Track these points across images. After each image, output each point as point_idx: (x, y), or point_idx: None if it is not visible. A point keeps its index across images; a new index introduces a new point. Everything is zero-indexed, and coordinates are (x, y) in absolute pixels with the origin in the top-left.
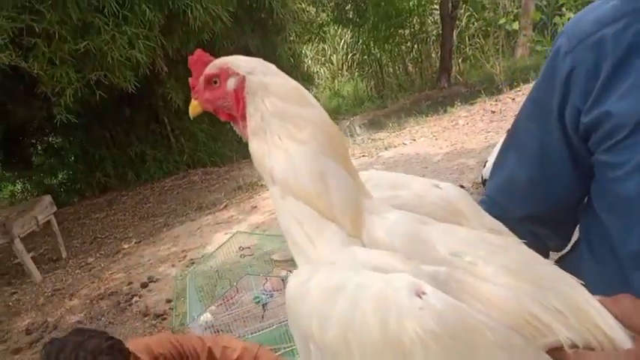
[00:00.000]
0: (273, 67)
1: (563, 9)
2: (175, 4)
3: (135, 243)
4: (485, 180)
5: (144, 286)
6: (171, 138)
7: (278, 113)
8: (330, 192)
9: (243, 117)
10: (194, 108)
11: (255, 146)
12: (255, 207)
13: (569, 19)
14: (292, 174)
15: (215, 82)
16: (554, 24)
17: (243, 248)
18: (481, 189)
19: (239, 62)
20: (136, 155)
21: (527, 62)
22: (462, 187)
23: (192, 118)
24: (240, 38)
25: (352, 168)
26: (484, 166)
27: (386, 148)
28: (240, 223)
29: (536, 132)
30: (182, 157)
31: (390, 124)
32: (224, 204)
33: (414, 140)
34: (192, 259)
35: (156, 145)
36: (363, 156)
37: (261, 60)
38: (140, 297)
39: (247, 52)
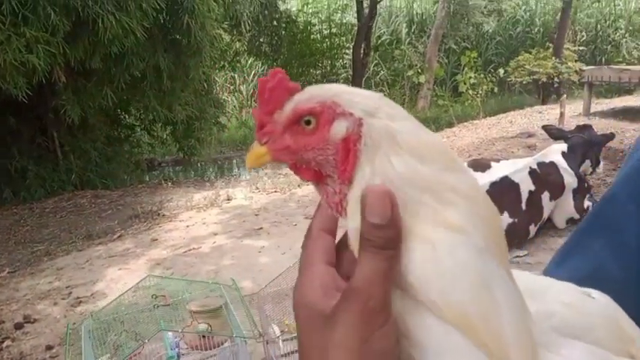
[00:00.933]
0: (400, 107)
1: (466, 68)
2: (85, 12)
3: (8, 273)
4: None
5: (18, 327)
6: (58, 154)
7: (415, 180)
8: (500, 314)
9: (350, 180)
10: (258, 158)
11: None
12: (156, 240)
13: (470, 77)
14: (442, 283)
15: (308, 124)
16: (455, 80)
17: (157, 296)
18: None
19: (353, 96)
20: (16, 170)
21: (428, 114)
22: None
23: (248, 170)
24: (151, 56)
25: (510, 269)
26: None
27: (299, 186)
28: (139, 257)
29: (637, 216)
30: (69, 177)
31: None
32: (118, 234)
33: None
34: (78, 298)
35: (40, 160)
36: (275, 192)
37: (381, 95)
38: (13, 340)
39: (158, 72)
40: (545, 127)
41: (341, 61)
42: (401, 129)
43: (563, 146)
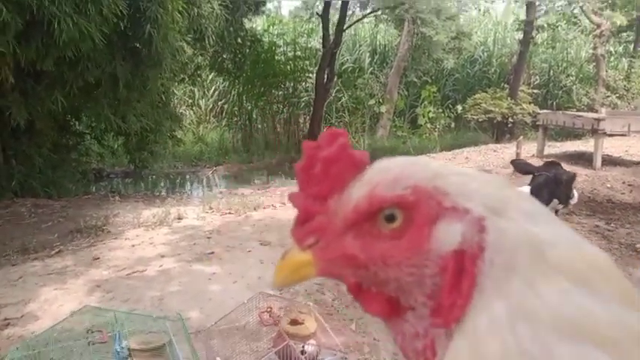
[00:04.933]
0: (532, 198)
1: (425, 102)
2: (41, 11)
3: None
4: None
5: None
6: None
7: (586, 329)
8: None
9: (456, 320)
10: (296, 270)
11: None
12: (98, 258)
13: (429, 111)
14: None
15: (390, 221)
16: (414, 113)
17: (93, 331)
18: None
19: (466, 180)
20: None
21: (386, 143)
22: None
23: (276, 287)
24: (108, 64)
25: None
26: None
27: (255, 208)
28: (78, 277)
29: None
30: (9, 183)
31: (256, 181)
32: (57, 249)
33: (284, 204)
34: (7, 319)
35: None
36: (230, 213)
37: (501, 178)
38: None
39: (114, 80)
40: (513, 162)
41: (304, 84)
42: (550, 238)
43: (526, 189)
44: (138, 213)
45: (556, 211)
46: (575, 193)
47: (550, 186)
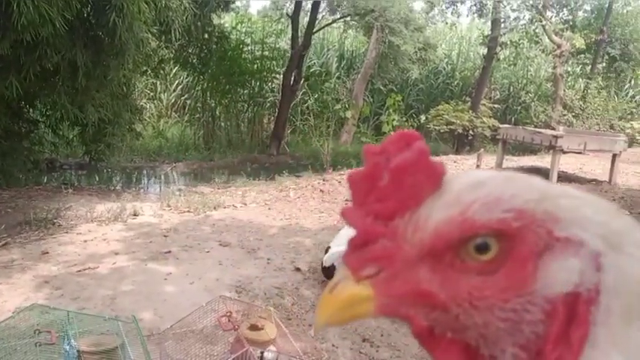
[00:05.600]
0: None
1: (390, 110)
2: None
3: None
4: (326, 267)
5: None
6: None
7: None
8: None
9: None
10: (348, 306)
11: None
12: (47, 253)
13: (393, 119)
14: None
15: (482, 251)
16: (378, 120)
17: (41, 331)
18: (318, 274)
19: (580, 206)
20: None
21: (349, 149)
22: (298, 269)
23: (320, 328)
24: (68, 50)
25: None
26: (326, 251)
27: (215, 208)
28: (25, 272)
29: None
30: None
31: (216, 180)
32: (3, 241)
33: (245, 205)
34: None
35: None
36: (188, 211)
37: (612, 204)
38: None
39: (73, 67)
40: None
41: (270, 84)
42: None
43: None
44: (91, 207)
45: None
46: None
47: None
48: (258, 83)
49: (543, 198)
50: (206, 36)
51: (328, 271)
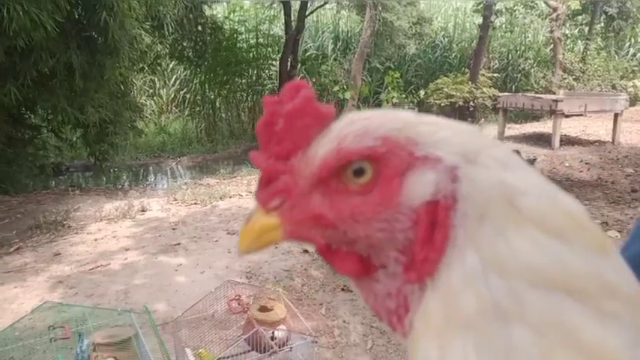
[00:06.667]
0: (506, 148)
1: (389, 88)
2: None
3: None
4: None
5: None
6: None
7: (557, 279)
8: None
9: (430, 275)
10: (262, 235)
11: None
12: (59, 254)
13: (393, 97)
14: None
15: (358, 175)
16: (377, 99)
17: (54, 327)
18: None
19: (437, 129)
20: None
21: None
22: (306, 251)
23: (242, 253)
24: (63, 53)
25: None
26: None
27: (221, 198)
28: (38, 274)
29: None
30: None
31: (221, 171)
32: (16, 246)
33: (251, 193)
34: None
35: None
36: (195, 204)
37: (474, 128)
38: None
39: (69, 70)
40: None
41: (267, 71)
42: (524, 186)
43: None
44: (100, 207)
45: None
46: None
47: None
48: (255, 71)
49: (405, 126)
50: (199, 28)
51: None
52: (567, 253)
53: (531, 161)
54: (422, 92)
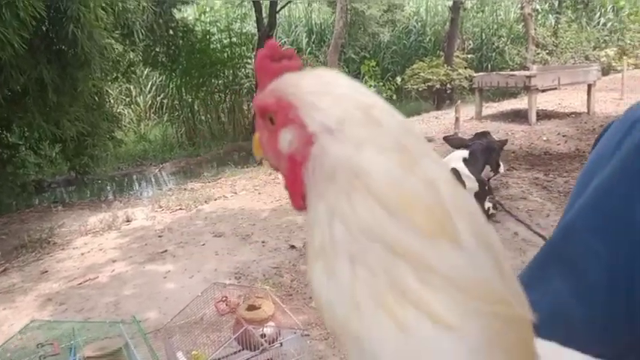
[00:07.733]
0: (391, 123)
1: (366, 77)
2: None
3: None
4: None
5: None
6: None
7: (386, 239)
8: None
9: (299, 207)
10: (257, 147)
11: (319, 282)
12: (46, 272)
13: (370, 86)
14: None
15: (271, 121)
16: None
17: (43, 344)
18: None
19: (320, 98)
20: None
21: None
22: (293, 247)
23: (259, 158)
24: (33, 69)
25: None
26: None
27: (206, 201)
28: (27, 293)
29: (604, 255)
30: None
31: (205, 174)
32: (2, 267)
33: (236, 193)
34: None
35: None
36: (180, 209)
37: (370, 102)
38: None
39: (41, 85)
40: (445, 138)
41: (243, 70)
42: (371, 167)
43: (464, 153)
44: (84, 220)
45: (488, 179)
46: (502, 164)
47: (484, 154)
48: (231, 71)
49: (294, 92)
50: (170, 32)
51: None
52: (397, 229)
53: (503, 143)
54: (398, 79)
